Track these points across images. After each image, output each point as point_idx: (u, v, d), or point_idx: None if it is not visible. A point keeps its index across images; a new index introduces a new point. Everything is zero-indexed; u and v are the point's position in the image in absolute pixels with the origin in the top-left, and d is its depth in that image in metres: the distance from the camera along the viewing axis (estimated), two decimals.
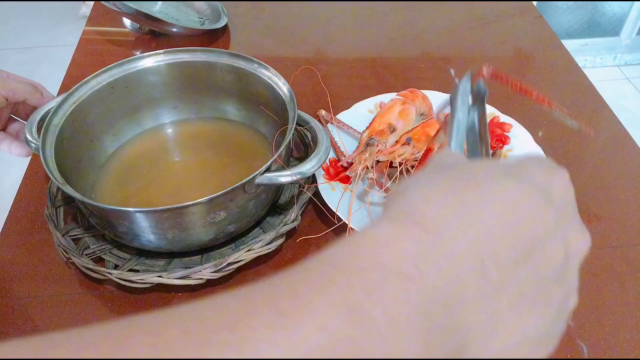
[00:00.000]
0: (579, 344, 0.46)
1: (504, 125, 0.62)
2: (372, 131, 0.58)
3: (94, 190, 0.55)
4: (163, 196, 0.55)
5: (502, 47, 0.81)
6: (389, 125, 0.58)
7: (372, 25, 0.85)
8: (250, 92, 0.59)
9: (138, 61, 0.58)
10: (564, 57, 0.79)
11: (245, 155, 0.60)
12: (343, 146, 0.60)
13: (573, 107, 0.70)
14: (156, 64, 0.59)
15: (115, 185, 0.56)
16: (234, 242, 0.52)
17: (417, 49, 0.80)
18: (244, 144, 0.61)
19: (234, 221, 0.48)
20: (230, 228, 0.49)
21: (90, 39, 0.80)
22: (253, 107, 0.60)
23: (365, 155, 0.55)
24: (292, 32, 0.83)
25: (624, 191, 0.59)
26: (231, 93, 0.61)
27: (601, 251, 0.53)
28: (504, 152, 0.60)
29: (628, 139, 0.66)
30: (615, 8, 2.09)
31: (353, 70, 0.76)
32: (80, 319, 0.47)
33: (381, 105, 0.64)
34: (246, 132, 0.62)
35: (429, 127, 0.57)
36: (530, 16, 0.87)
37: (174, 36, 0.80)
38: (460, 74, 0.76)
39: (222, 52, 0.59)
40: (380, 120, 0.59)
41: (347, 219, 0.50)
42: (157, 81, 0.60)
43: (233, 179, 0.45)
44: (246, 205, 0.48)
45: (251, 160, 0.59)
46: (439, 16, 0.87)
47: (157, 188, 0.56)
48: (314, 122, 0.54)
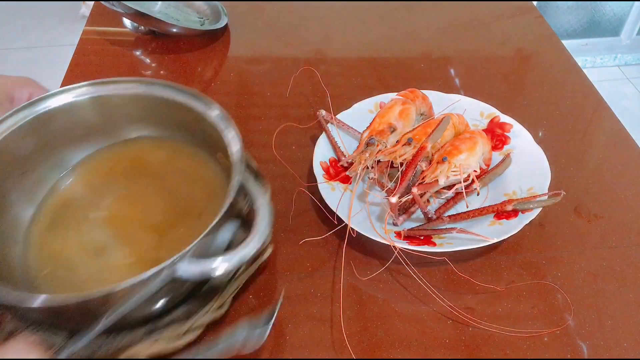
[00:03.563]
0: (579, 344, 0.46)
1: (504, 125, 0.62)
2: (373, 131, 0.58)
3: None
4: (86, 257, 0.47)
5: (502, 47, 0.81)
6: (390, 125, 0.57)
7: (372, 25, 0.85)
8: (192, 129, 0.51)
9: (50, 100, 0.50)
10: (564, 57, 0.79)
11: (194, 187, 0.51)
12: (343, 146, 0.60)
13: (573, 107, 0.70)
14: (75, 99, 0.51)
15: (34, 249, 0.47)
16: (148, 324, 0.42)
17: (417, 49, 0.80)
18: (192, 173, 0.52)
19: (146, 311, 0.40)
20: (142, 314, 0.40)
21: (90, 39, 0.80)
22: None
23: (365, 155, 0.55)
24: (292, 32, 0.83)
25: (624, 191, 0.59)
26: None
27: (601, 251, 0.53)
28: (505, 151, 0.60)
29: (628, 139, 0.66)
30: (615, 8, 2.09)
31: (353, 70, 0.76)
32: None
33: (381, 105, 0.63)
34: (196, 155, 0.53)
35: (430, 127, 0.57)
36: (530, 16, 0.87)
37: (174, 36, 0.80)
38: (460, 74, 0.76)
39: (155, 82, 0.52)
40: (380, 120, 0.59)
41: (348, 220, 0.50)
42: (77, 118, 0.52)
43: (173, 233, 0.40)
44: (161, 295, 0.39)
45: (200, 197, 0.50)
46: (439, 16, 0.87)
47: (81, 245, 0.48)
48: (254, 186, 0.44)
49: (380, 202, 0.55)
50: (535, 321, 0.47)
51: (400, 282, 0.50)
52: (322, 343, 0.46)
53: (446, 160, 0.53)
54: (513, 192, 0.56)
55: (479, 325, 0.47)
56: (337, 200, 0.52)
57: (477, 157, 0.55)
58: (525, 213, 0.52)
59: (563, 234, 0.55)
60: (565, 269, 0.52)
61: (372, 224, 0.50)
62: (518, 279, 0.51)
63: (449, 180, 0.53)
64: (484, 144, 0.57)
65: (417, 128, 0.58)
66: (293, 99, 0.70)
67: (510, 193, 0.56)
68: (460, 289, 0.50)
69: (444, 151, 0.54)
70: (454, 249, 0.49)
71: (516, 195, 0.55)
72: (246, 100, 0.70)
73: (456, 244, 0.49)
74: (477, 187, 0.53)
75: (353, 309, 0.48)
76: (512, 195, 0.55)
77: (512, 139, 0.61)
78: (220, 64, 0.78)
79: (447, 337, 0.46)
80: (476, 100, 0.64)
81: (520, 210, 0.52)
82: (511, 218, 0.52)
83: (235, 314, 0.47)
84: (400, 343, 0.46)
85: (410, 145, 0.54)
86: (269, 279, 0.50)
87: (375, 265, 0.51)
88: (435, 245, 0.50)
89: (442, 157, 0.53)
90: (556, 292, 0.50)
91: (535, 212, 0.52)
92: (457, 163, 0.53)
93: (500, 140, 0.61)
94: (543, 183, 0.55)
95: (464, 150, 0.54)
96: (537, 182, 0.55)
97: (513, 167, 0.58)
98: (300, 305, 0.48)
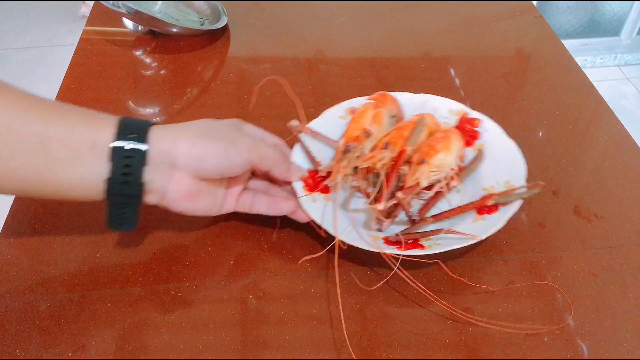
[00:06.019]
0: (579, 344, 0.46)
1: (473, 121, 0.62)
2: (348, 138, 0.56)
3: None
4: None
5: (502, 47, 0.81)
6: (364, 131, 0.56)
7: (372, 25, 0.85)
8: None
9: None
10: (564, 57, 0.79)
11: None
12: (319, 155, 0.58)
13: (573, 107, 0.70)
14: None
15: None
16: None
17: (417, 49, 0.80)
18: None
19: None
20: None
21: (90, 39, 0.80)
22: None
23: (343, 163, 0.53)
24: (292, 32, 0.83)
25: (624, 191, 0.59)
26: None
27: (601, 251, 0.53)
28: (477, 146, 0.60)
29: (628, 139, 0.66)
30: (615, 8, 2.09)
31: (353, 70, 0.76)
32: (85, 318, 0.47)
33: (352, 110, 0.63)
34: None
35: (404, 130, 0.57)
36: (530, 16, 0.87)
37: (174, 36, 0.80)
38: (460, 74, 0.76)
39: None
40: (354, 126, 0.57)
41: (334, 230, 0.49)
42: None
43: None
44: None
45: None
46: (439, 16, 0.88)
47: None
48: None
49: (363, 209, 0.55)
50: (535, 321, 0.47)
51: (399, 287, 0.50)
52: (322, 343, 0.46)
53: (425, 162, 0.53)
54: (491, 186, 0.56)
55: (478, 325, 0.47)
56: (319, 211, 0.51)
57: (453, 155, 0.55)
58: (506, 206, 0.52)
59: (563, 234, 0.55)
60: (565, 269, 0.52)
61: (362, 235, 0.50)
62: (518, 279, 0.51)
63: (430, 180, 0.53)
64: (458, 141, 0.58)
65: (392, 131, 0.58)
66: (261, 111, 0.69)
67: (488, 187, 0.56)
68: (459, 289, 0.50)
69: (421, 152, 0.54)
70: (443, 250, 0.48)
71: (494, 189, 0.55)
72: (246, 101, 0.70)
73: (445, 244, 0.49)
74: (457, 184, 0.54)
75: (353, 309, 0.48)
76: (490, 189, 0.56)
77: (482, 133, 0.61)
78: (220, 64, 0.78)
79: (447, 337, 0.46)
80: (444, 98, 0.64)
81: (500, 204, 0.53)
82: (493, 212, 0.53)
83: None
84: (400, 343, 0.46)
85: (387, 149, 0.54)
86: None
87: (370, 273, 0.51)
88: (423, 247, 0.49)
89: (420, 158, 0.53)
90: (556, 292, 0.50)
91: (517, 204, 0.52)
92: (435, 163, 0.53)
93: (471, 136, 0.61)
94: (519, 174, 0.55)
95: (440, 149, 0.54)
96: (513, 174, 0.56)
97: (487, 162, 0.59)
98: (299, 305, 0.48)
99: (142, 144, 0.43)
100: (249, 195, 0.53)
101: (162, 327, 0.47)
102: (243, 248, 0.53)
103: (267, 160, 0.50)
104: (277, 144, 0.56)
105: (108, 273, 0.51)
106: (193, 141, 0.46)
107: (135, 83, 0.73)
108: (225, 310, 0.48)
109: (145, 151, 0.43)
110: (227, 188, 0.52)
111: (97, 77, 0.73)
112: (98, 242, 0.53)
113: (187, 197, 0.47)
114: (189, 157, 0.45)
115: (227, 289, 0.50)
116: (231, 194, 0.52)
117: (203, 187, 0.48)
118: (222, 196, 0.51)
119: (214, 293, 0.49)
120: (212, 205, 0.50)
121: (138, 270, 0.51)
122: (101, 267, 0.51)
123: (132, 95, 0.71)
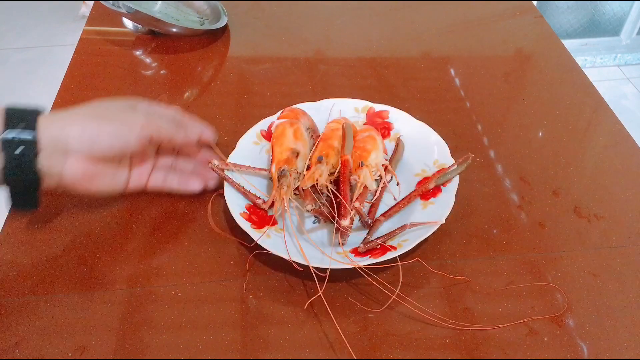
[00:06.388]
0: (579, 344, 0.46)
1: (381, 113, 0.62)
2: (279, 162, 0.54)
3: None
4: None
5: (502, 47, 0.81)
6: (292, 151, 0.55)
7: (372, 25, 0.85)
8: None
9: None
10: (564, 57, 0.79)
11: None
12: (254, 188, 0.55)
13: (573, 107, 0.70)
14: None
15: None
16: None
17: (417, 49, 0.80)
18: None
19: None
20: None
21: (90, 39, 0.80)
22: None
23: (283, 189, 0.51)
24: (292, 32, 0.83)
25: (624, 191, 0.59)
26: None
27: (601, 251, 0.53)
28: (394, 136, 0.61)
29: (628, 139, 0.66)
30: (615, 8, 2.09)
31: (353, 70, 0.76)
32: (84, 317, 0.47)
33: (262, 133, 0.60)
34: None
35: (330, 139, 0.57)
36: (530, 16, 0.87)
37: (174, 36, 0.80)
38: (460, 74, 0.76)
39: None
40: (280, 149, 0.55)
41: (304, 259, 0.48)
42: None
43: None
44: None
45: None
46: (439, 16, 0.88)
47: None
48: None
49: (319, 227, 0.54)
50: (535, 321, 0.47)
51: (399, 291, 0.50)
52: (322, 343, 0.46)
53: (364, 165, 0.53)
54: (422, 170, 0.57)
55: (478, 325, 0.47)
56: (281, 246, 0.49)
57: (382, 151, 0.56)
58: (446, 185, 0.54)
59: (563, 234, 0.55)
60: (565, 269, 0.52)
61: (332, 255, 0.49)
62: (518, 279, 0.51)
63: (374, 181, 0.53)
64: (379, 136, 0.58)
65: (319, 144, 0.56)
66: (260, 111, 0.66)
67: (419, 172, 0.57)
68: (459, 289, 0.50)
69: (356, 157, 0.54)
70: (412, 245, 0.48)
71: (426, 173, 0.56)
72: (246, 100, 0.70)
73: (411, 238, 0.49)
74: (394, 177, 0.55)
75: (353, 308, 0.48)
76: (422, 173, 0.57)
77: (393, 123, 0.62)
78: (220, 63, 0.78)
79: (447, 337, 0.46)
80: (347, 99, 0.64)
81: (441, 184, 0.54)
82: (438, 194, 0.53)
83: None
84: (400, 343, 0.46)
85: (322, 163, 0.53)
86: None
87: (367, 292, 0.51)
88: (395, 248, 0.48)
89: (358, 163, 0.53)
90: (556, 292, 0.50)
91: (456, 181, 0.54)
92: (372, 163, 0.54)
93: (385, 128, 0.62)
94: (444, 152, 0.57)
95: (371, 149, 0.55)
96: (439, 153, 0.57)
97: (409, 148, 0.60)
98: (300, 305, 0.48)
99: (32, 132, 0.45)
100: (161, 174, 0.55)
101: (162, 327, 0.47)
102: (239, 251, 0.53)
103: (163, 131, 0.51)
104: (172, 116, 0.55)
105: (108, 273, 0.51)
106: (84, 124, 0.47)
107: (135, 83, 0.73)
108: (225, 310, 0.48)
109: (34, 140, 0.44)
110: (131, 167, 0.53)
111: (97, 77, 0.73)
112: (98, 242, 0.53)
113: (85, 179, 0.49)
114: (80, 140, 0.47)
115: (227, 289, 0.50)
116: (140, 173, 0.54)
117: (100, 168, 0.49)
118: (124, 175, 0.53)
119: (214, 293, 0.49)
120: (114, 185, 0.52)
121: (138, 270, 0.51)
122: (101, 267, 0.51)
123: (132, 95, 0.71)
